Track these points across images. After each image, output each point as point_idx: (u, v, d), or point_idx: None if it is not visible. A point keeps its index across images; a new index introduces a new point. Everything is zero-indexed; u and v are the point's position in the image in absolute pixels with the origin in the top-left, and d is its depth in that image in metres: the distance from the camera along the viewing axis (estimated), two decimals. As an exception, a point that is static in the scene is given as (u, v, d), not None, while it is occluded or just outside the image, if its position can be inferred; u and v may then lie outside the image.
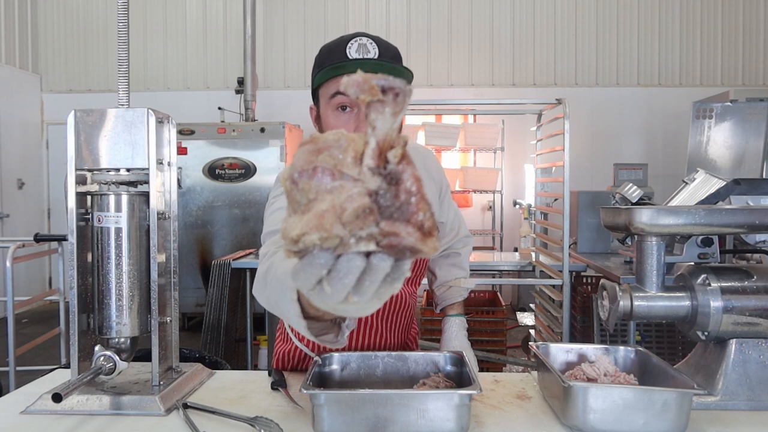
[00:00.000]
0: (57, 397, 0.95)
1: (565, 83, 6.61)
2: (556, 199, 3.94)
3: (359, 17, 6.70)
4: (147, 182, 1.16)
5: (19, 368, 3.24)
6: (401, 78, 0.53)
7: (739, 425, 1.06)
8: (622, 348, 1.22)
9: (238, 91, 6.28)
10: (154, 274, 1.16)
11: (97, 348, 1.13)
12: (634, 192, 2.24)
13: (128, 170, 1.16)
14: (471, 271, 1.61)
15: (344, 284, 0.50)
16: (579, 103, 5.95)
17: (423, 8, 6.70)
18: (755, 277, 1.16)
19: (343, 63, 1.12)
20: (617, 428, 0.97)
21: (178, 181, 4.13)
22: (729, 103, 4.74)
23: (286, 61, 6.77)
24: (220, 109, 6.05)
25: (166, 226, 1.23)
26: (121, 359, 1.13)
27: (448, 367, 1.18)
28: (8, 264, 3.19)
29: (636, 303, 1.15)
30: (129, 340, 1.18)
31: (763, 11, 6.51)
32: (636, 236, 1.18)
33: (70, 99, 6.84)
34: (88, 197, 1.18)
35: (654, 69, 6.56)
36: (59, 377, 1.31)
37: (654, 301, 1.16)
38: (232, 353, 3.73)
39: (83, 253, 1.17)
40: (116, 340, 1.17)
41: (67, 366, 1.20)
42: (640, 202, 2.21)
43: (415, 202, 0.51)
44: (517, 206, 5.81)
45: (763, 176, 4.52)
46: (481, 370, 1.46)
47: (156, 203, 1.16)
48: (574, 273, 3.49)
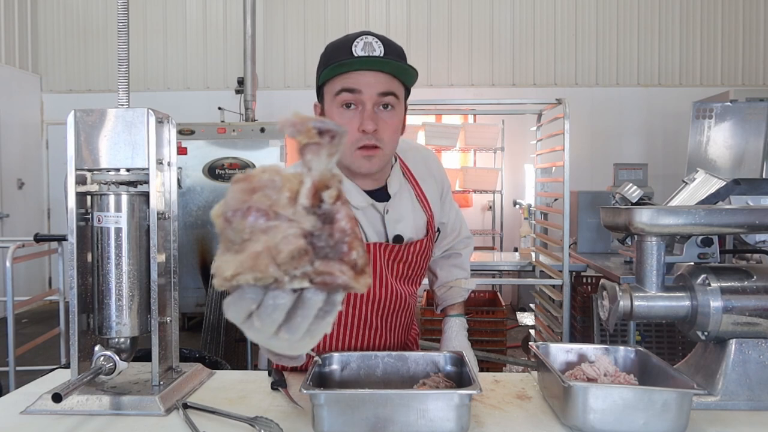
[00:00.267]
0: (57, 397, 0.95)
1: (565, 83, 6.61)
2: (556, 199, 3.94)
3: (359, 17, 6.70)
4: (147, 182, 1.16)
5: (19, 368, 3.24)
6: (407, 75, 0.54)
7: (739, 425, 1.06)
8: (622, 348, 1.22)
9: (238, 91, 6.28)
10: (154, 274, 1.16)
11: (97, 348, 1.13)
12: (634, 192, 2.25)
13: (128, 170, 1.16)
14: (471, 271, 1.61)
15: (273, 319, 0.50)
16: (579, 103, 5.95)
17: (423, 8, 6.70)
18: (755, 277, 1.16)
19: (349, 60, 1.12)
20: (617, 428, 0.97)
21: (178, 181, 4.13)
22: (729, 103, 4.73)
23: (286, 61, 6.77)
24: (220, 109, 6.05)
25: (166, 226, 1.22)
26: (121, 359, 1.13)
27: (448, 367, 1.18)
28: (8, 264, 3.19)
29: (636, 303, 1.15)
30: (129, 340, 1.18)
31: (763, 11, 6.51)
32: (636, 236, 1.18)
33: (70, 99, 6.84)
34: (88, 197, 1.18)
35: (654, 69, 6.57)
36: (59, 377, 1.31)
37: (654, 301, 1.16)
38: (232, 353, 3.73)
39: (83, 253, 1.17)
40: (116, 340, 1.17)
41: (67, 366, 1.20)
42: (640, 202, 2.22)
43: (349, 241, 0.52)
44: (517, 206, 5.81)
45: (763, 176, 4.52)
46: (481, 370, 1.46)
47: (156, 203, 1.16)
48: (574, 273, 3.50)
